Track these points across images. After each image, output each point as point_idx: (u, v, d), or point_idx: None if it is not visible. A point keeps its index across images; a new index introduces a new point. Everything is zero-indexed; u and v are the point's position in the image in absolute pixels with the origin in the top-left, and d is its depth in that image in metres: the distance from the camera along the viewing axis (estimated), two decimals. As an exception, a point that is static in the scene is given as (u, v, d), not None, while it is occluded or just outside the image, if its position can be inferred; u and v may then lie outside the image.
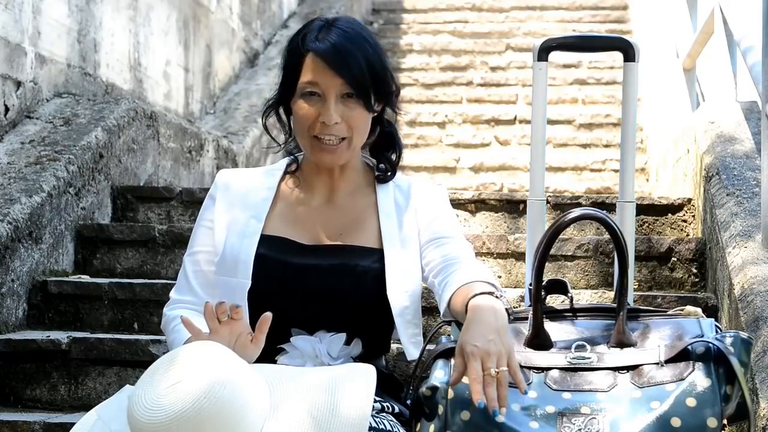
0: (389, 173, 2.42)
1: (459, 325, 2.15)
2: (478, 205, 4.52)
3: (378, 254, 2.32)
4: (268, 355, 2.20)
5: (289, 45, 2.35)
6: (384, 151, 2.44)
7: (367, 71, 2.28)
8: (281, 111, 2.39)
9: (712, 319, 2.12)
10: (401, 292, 2.29)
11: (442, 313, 2.27)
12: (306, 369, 2.11)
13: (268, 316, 2.12)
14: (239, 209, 2.37)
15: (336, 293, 2.28)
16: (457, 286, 2.19)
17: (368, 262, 2.30)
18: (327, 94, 2.27)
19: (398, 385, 2.36)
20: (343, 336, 2.28)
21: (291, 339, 2.27)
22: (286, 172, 2.44)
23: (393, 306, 2.28)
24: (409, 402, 2.26)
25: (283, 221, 2.36)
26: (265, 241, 2.32)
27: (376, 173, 2.43)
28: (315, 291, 2.28)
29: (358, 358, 2.29)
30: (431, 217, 2.37)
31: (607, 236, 4.12)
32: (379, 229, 2.34)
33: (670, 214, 4.49)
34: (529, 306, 2.12)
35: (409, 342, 2.30)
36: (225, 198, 2.39)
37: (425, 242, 2.35)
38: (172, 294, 2.42)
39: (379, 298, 2.28)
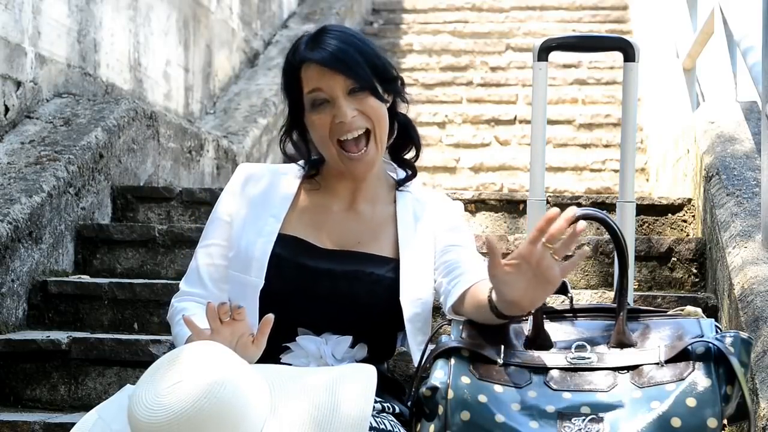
0: (411, 175, 2.42)
1: (465, 323, 2.15)
2: (478, 205, 4.52)
3: (393, 264, 2.32)
4: (272, 353, 2.20)
5: (284, 65, 2.35)
6: (403, 151, 2.43)
7: (364, 63, 2.28)
8: (295, 136, 2.39)
9: (712, 320, 2.12)
10: (414, 300, 2.30)
11: (446, 310, 2.27)
12: (307, 369, 2.12)
13: (270, 318, 2.12)
14: (259, 207, 2.37)
15: (347, 298, 2.28)
16: (472, 283, 2.20)
17: (383, 271, 2.31)
18: (333, 95, 2.27)
19: (399, 387, 2.37)
20: (348, 339, 2.29)
21: (297, 338, 2.28)
22: (305, 176, 2.43)
23: (405, 312, 2.28)
24: (409, 403, 2.26)
25: (302, 223, 2.36)
26: (282, 240, 2.32)
27: (398, 179, 2.42)
28: (326, 295, 2.28)
29: (362, 362, 2.29)
30: (446, 227, 2.38)
31: (607, 236, 4.12)
32: (396, 239, 2.35)
33: (670, 214, 4.49)
34: (529, 306, 2.12)
35: (417, 348, 2.30)
36: (245, 194, 2.39)
37: (438, 251, 2.36)
38: (182, 285, 2.41)
39: (389, 306, 2.29)
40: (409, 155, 2.45)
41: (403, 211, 2.39)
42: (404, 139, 2.43)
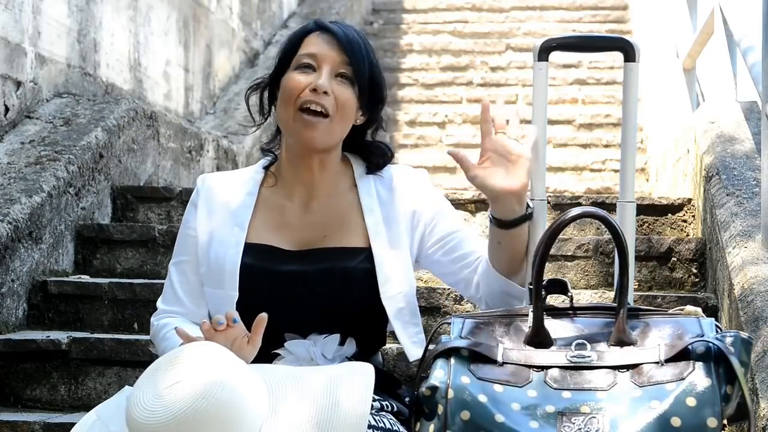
0: (383, 161, 2.40)
1: (465, 323, 2.16)
2: (478, 205, 4.51)
3: (365, 253, 2.29)
4: (263, 361, 2.19)
5: (294, 32, 2.34)
6: (374, 153, 2.40)
7: (366, 58, 2.28)
8: (265, 94, 2.37)
9: (712, 319, 2.11)
10: (395, 294, 2.27)
11: (469, 295, 2.35)
12: (305, 369, 2.11)
13: (263, 317, 2.11)
14: (221, 217, 2.34)
15: (324, 298, 2.26)
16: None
17: (356, 263, 2.28)
18: (323, 64, 2.25)
19: (396, 382, 2.35)
20: (336, 337, 2.27)
21: (285, 344, 2.26)
22: (265, 174, 2.40)
23: (389, 311, 2.26)
24: (407, 400, 2.27)
25: (266, 228, 2.33)
26: (250, 249, 2.29)
27: (367, 165, 2.39)
28: (304, 298, 2.25)
29: (353, 357, 2.29)
30: (431, 211, 2.36)
31: (607, 236, 4.12)
32: (364, 227, 2.31)
33: (670, 214, 4.49)
34: (530, 305, 2.12)
35: (410, 342, 2.29)
36: (206, 205, 2.36)
37: (434, 245, 2.35)
38: (159, 304, 2.40)
39: (370, 297, 2.27)
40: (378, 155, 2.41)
41: (366, 195, 2.35)
42: (364, 152, 2.40)
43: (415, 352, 2.28)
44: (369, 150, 2.40)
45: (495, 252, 2.26)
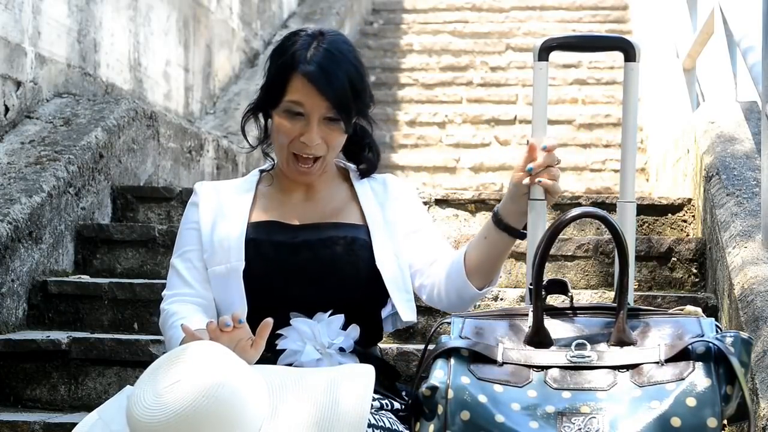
0: (369, 169, 2.50)
1: (465, 322, 2.16)
2: (478, 205, 4.52)
3: (364, 229, 2.39)
4: (268, 341, 2.21)
5: (278, 56, 2.38)
6: (360, 152, 2.50)
7: (350, 93, 2.33)
8: (259, 114, 2.46)
9: (712, 319, 2.11)
10: (390, 262, 2.36)
11: (419, 286, 2.40)
12: (306, 370, 2.12)
13: (269, 322, 2.13)
14: (223, 211, 2.42)
15: (329, 265, 2.33)
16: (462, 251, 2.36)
17: (356, 234, 2.37)
18: (311, 115, 2.32)
19: (395, 373, 2.40)
20: (341, 318, 2.32)
21: (290, 322, 2.31)
22: (261, 176, 2.50)
23: (384, 275, 2.34)
24: (404, 393, 2.28)
25: (267, 211, 2.42)
26: (253, 226, 2.38)
27: (358, 168, 2.50)
28: (308, 266, 2.32)
29: (356, 343, 2.33)
30: (409, 212, 2.46)
31: (607, 236, 4.12)
32: (361, 211, 2.42)
33: (670, 214, 4.49)
34: (530, 305, 2.12)
35: (404, 305, 2.36)
36: (208, 203, 2.44)
37: (408, 234, 2.44)
38: (166, 292, 2.44)
39: (370, 268, 2.34)
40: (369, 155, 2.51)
41: (362, 189, 2.47)
42: (360, 147, 2.49)
43: (409, 315, 2.36)
44: (359, 161, 2.51)
45: (476, 244, 2.35)
